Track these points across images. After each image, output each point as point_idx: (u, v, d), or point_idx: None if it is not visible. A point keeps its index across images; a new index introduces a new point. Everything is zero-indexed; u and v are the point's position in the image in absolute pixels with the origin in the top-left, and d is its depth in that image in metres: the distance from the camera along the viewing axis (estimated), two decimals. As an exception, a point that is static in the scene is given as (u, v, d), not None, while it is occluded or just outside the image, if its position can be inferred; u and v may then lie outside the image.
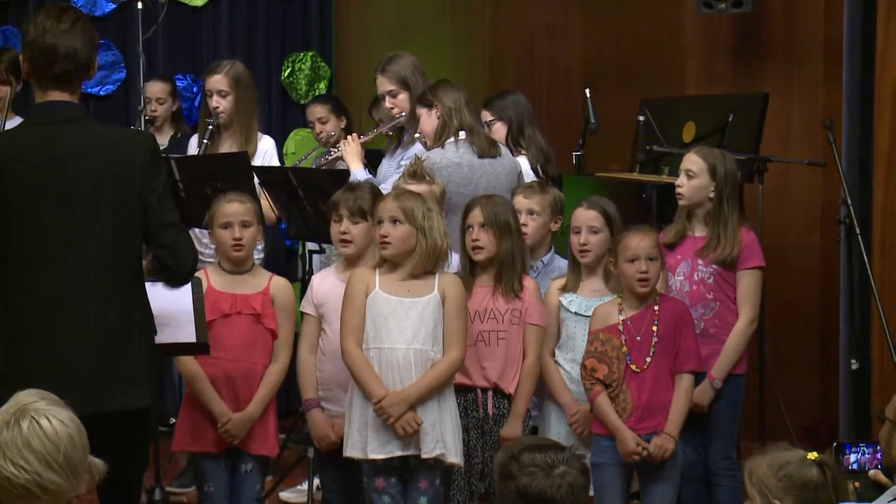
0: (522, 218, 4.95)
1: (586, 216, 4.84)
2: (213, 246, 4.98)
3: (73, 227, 3.75)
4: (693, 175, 4.92)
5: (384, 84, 5.70)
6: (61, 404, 2.82)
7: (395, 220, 4.41)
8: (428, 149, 5.34)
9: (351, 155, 5.68)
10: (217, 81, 6.07)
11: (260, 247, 6.10)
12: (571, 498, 2.94)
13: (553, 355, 4.84)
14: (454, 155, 5.26)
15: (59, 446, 2.74)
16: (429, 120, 5.36)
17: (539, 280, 4.93)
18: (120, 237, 3.81)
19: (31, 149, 3.77)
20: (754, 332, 5.03)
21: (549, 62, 7.57)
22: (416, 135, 5.49)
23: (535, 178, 5.49)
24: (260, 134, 6.19)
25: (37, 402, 2.79)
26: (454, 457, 4.43)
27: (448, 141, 5.30)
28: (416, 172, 4.87)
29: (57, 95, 3.84)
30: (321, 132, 6.60)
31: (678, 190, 4.95)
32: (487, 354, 4.67)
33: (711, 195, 4.91)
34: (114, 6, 7.57)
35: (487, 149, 5.33)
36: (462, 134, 5.30)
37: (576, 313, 4.78)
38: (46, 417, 2.76)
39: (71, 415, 2.80)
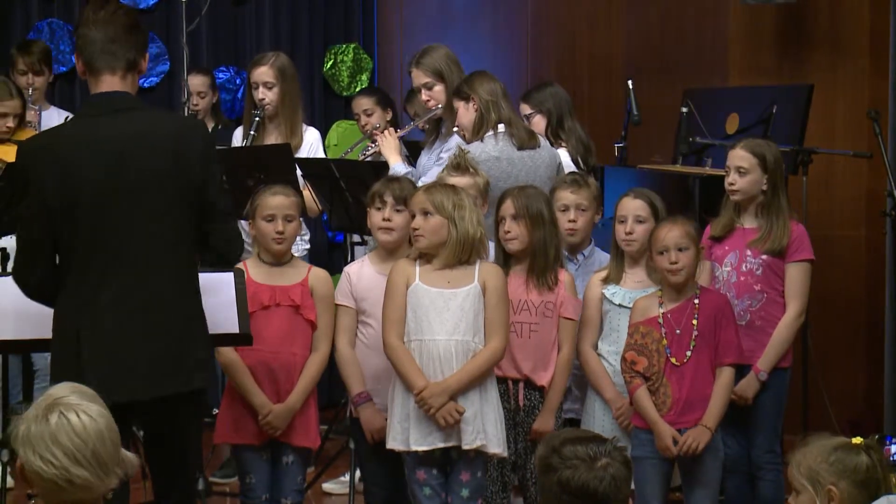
0: (571, 214, 4.94)
1: (633, 205, 4.82)
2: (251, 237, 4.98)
3: (136, 216, 3.78)
4: (745, 171, 4.89)
5: (419, 77, 5.70)
6: (94, 398, 2.81)
7: (425, 213, 4.42)
8: (467, 142, 5.33)
9: (388, 149, 5.68)
10: (262, 73, 6.10)
11: (306, 237, 6.14)
12: (614, 490, 2.92)
13: (596, 347, 4.83)
14: (493, 149, 5.24)
15: (87, 441, 2.74)
16: (466, 113, 5.35)
17: (579, 273, 4.92)
18: (181, 225, 3.84)
19: (90, 140, 3.79)
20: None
21: (591, 54, 7.54)
22: (455, 128, 5.48)
23: (574, 171, 5.46)
24: (305, 125, 6.21)
25: (68, 397, 2.79)
26: (496, 447, 4.42)
27: (487, 134, 5.28)
28: (460, 164, 4.86)
29: (111, 86, 3.86)
30: (367, 124, 6.61)
31: (731, 187, 4.92)
32: (519, 346, 4.66)
33: (764, 187, 4.89)
34: (158, -1, 7.63)
35: (527, 140, 5.31)
36: (501, 126, 5.29)
37: (619, 305, 4.77)
38: (75, 412, 2.75)
39: (102, 410, 2.80)
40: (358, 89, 7.68)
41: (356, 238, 6.28)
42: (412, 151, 6.02)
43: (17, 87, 6.19)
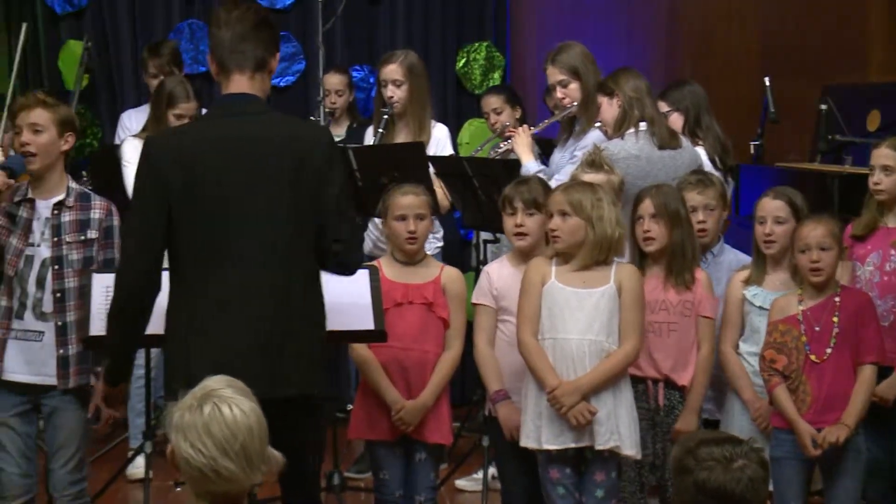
0: (700, 215, 4.89)
1: (772, 206, 4.76)
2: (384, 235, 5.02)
3: (254, 218, 3.81)
4: (891, 170, 4.81)
5: (554, 74, 5.69)
6: (247, 394, 2.86)
7: (563, 213, 4.40)
8: (608, 138, 5.31)
9: (521, 146, 5.68)
10: (391, 71, 6.14)
11: (439, 235, 6.17)
12: (752, 492, 2.88)
13: (737, 348, 4.77)
14: (633, 147, 5.21)
15: (236, 435, 2.78)
16: (609, 108, 5.33)
17: (709, 271, 4.87)
18: (298, 227, 3.85)
19: (216, 140, 3.84)
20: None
21: (727, 51, 7.45)
22: (597, 123, 5.46)
23: (698, 169, 5.39)
24: (433, 122, 6.24)
25: (223, 389, 2.84)
26: (630, 449, 4.40)
27: (628, 131, 5.26)
28: (595, 162, 4.85)
29: (239, 86, 3.90)
30: (496, 122, 6.62)
31: (876, 186, 4.84)
32: (658, 346, 4.63)
33: None
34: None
35: (668, 140, 5.27)
36: (643, 124, 5.26)
37: (760, 307, 4.70)
38: (228, 405, 2.80)
39: (253, 405, 2.84)
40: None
41: (488, 236, 6.30)
42: (544, 149, 6.02)
43: (195, 90, 6.29)
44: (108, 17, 7.72)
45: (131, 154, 6.24)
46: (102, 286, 4.40)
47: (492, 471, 5.34)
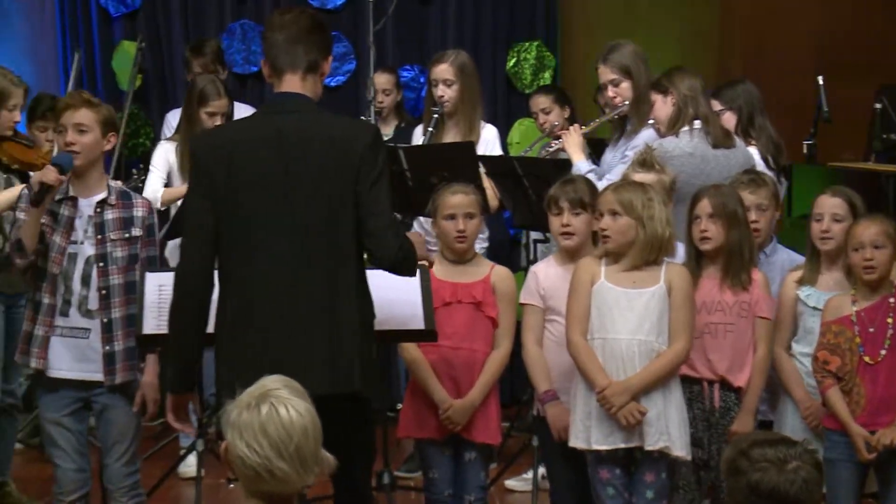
0: (753, 215, 4.85)
1: (830, 203, 4.73)
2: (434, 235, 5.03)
3: (298, 214, 3.83)
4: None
5: (606, 73, 5.67)
6: (302, 395, 2.87)
7: (613, 213, 4.39)
8: (661, 136, 5.29)
9: (573, 146, 5.67)
10: (442, 71, 6.16)
11: (484, 235, 6.17)
12: (805, 494, 2.86)
13: (789, 348, 4.74)
14: (687, 145, 5.19)
15: (292, 436, 2.79)
16: (663, 106, 5.31)
17: (762, 271, 4.83)
18: (342, 226, 3.86)
19: (258, 137, 3.88)
20: None
21: (780, 50, 7.42)
22: (650, 122, 5.44)
23: (750, 169, 5.36)
24: (483, 123, 6.24)
25: (279, 390, 2.85)
26: (680, 450, 4.38)
27: (682, 129, 5.24)
28: (646, 161, 4.83)
29: (291, 86, 3.94)
30: (544, 122, 6.61)
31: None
32: (714, 347, 4.60)
33: None
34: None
35: (722, 139, 5.25)
36: (697, 123, 5.24)
37: (813, 308, 4.66)
38: (285, 406, 2.81)
39: (309, 407, 2.85)
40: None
41: (538, 235, 6.29)
42: (595, 149, 6.00)
43: (226, 87, 6.33)
44: (161, 18, 7.77)
45: (157, 160, 6.32)
46: (155, 285, 4.44)
47: (541, 471, 5.33)
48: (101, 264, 4.50)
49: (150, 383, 4.56)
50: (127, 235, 4.54)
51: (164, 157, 6.30)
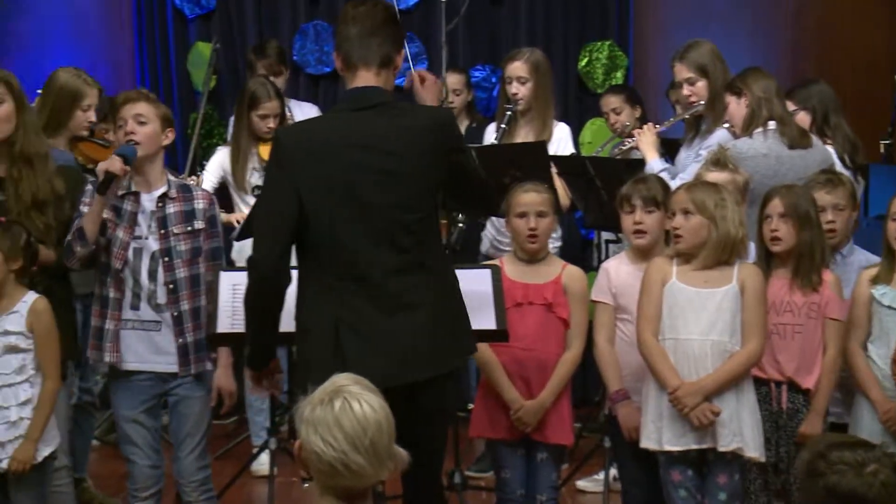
0: (829, 215, 4.80)
1: None
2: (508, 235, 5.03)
3: (385, 208, 3.84)
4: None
5: (682, 71, 5.65)
6: (373, 390, 2.90)
7: (686, 212, 4.37)
8: (736, 137, 5.26)
9: (646, 144, 5.66)
10: (517, 68, 6.17)
11: (557, 235, 6.16)
12: (885, 497, 2.83)
13: (865, 348, 4.68)
14: (761, 146, 5.15)
15: (366, 430, 2.82)
16: (737, 108, 5.29)
17: (839, 272, 4.78)
18: (428, 217, 3.91)
19: (343, 132, 3.88)
20: None
21: (853, 49, 7.34)
22: (725, 123, 5.41)
23: (827, 169, 5.31)
24: (555, 121, 6.24)
25: (351, 386, 2.87)
26: (753, 451, 4.35)
27: (756, 130, 5.20)
28: (720, 161, 4.80)
29: (365, 81, 3.93)
30: (615, 122, 6.60)
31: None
32: (783, 348, 4.56)
33: None
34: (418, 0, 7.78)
35: (798, 139, 5.21)
36: (772, 124, 5.20)
37: (889, 307, 4.61)
38: (358, 401, 2.84)
39: (381, 402, 2.88)
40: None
41: (610, 236, 6.27)
42: (668, 148, 5.97)
43: (276, 88, 6.37)
44: (235, 19, 7.85)
45: (212, 164, 6.36)
46: (230, 284, 4.47)
47: (613, 472, 5.31)
48: (167, 259, 4.54)
49: (224, 375, 4.64)
50: (189, 228, 4.58)
51: (219, 162, 6.33)
